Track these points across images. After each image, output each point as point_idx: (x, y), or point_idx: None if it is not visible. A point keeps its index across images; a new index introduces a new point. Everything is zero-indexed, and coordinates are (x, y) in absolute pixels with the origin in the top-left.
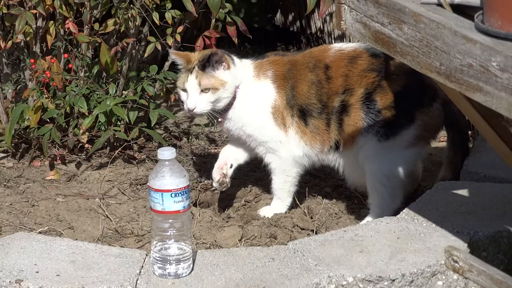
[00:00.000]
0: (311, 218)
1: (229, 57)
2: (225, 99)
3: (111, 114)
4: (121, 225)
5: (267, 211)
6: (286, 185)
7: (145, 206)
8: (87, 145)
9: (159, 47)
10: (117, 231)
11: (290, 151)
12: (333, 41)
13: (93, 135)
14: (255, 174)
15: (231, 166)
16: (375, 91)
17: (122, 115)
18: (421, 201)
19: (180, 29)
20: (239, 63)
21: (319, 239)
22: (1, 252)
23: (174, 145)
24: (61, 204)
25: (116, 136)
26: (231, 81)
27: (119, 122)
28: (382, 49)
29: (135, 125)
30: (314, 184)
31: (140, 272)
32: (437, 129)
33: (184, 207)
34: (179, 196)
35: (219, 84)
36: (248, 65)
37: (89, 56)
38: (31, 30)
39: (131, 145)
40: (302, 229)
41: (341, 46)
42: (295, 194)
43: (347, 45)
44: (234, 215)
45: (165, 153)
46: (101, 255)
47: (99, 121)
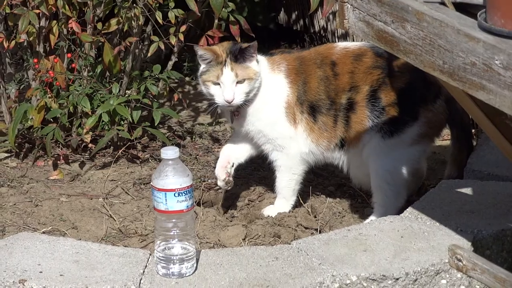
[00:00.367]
0: (315, 217)
1: None
2: (255, 89)
3: (114, 113)
4: (125, 224)
5: (271, 211)
6: (291, 183)
7: (148, 205)
8: (90, 145)
9: (162, 47)
10: (121, 230)
11: (297, 148)
12: (337, 40)
13: (97, 134)
14: (259, 173)
15: (233, 165)
16: (380, 88)
17: (125, 114)
18: (424, 200)
19: (183, 28)
20: (258, 56)
21: (323, 238)
22: (5, 252)
23: (177, 145)
24: (64, 204)
25: (119, 135)
26: (259, 71)
27: (122, 121)
28: (385, 47)
29: (139, 124)
30: (317, 183)
31: (143, 271)
32: (441, 126)
33: (187, 207)
34: (182, 195)
35: (253, 74)
36: (262, 59)
37: (92, 55)
38: (34, 30)
39: (135, 144)
40: (305, 228)
41: (346, 44)
42: (299, 193)
43: (351, 43)
44: (237, 214)
45: (169, 152)
46: (105, 255)
47: (103, 121)
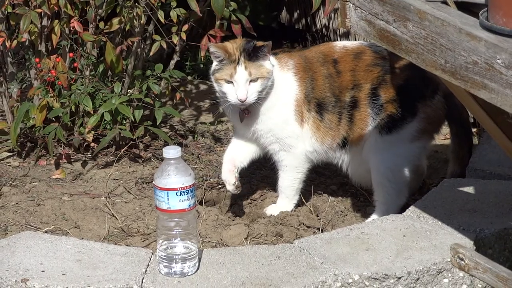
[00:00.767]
0: (317, 216)
1: None
2: (268, 88)
3: (116, 112)
4: (127, 224)
5: (273, 210)
6: (295, 182)
7: (151, 204)
8: (92, 144)
9: (165, 46)
10: (123, 230)
11: (303, 147)
12: (339, 39)
13: (99, 133)
14: (261, 172)
15: (238, 169)
16: (380, 86)
17: (127, 113)
18: (426, 199)
19: (185, 27)
20: None
21: (325, 237)
22: (7, 251)
23: (179, 144)
24: (67, 203)
25: (121, 134)
26: (272, 70)
27: (124, 120)
28: (387, 47)
29: (141, 123)
30: (320, 182)
31: (146, 271)
32: (440, 122)
33: (189, 206)
34: (184, 194)
35: (266, 72)
36: (272, 57)
37: (95, 55)
38: (36, 29)
39: (137, 143)
40: (308, 227)
41: (345, 43)
42: (301, 192)
43: (350, 43)
44: (240, 213)
45: (171, 151)
46: (107, 254)
47: (105, 120)
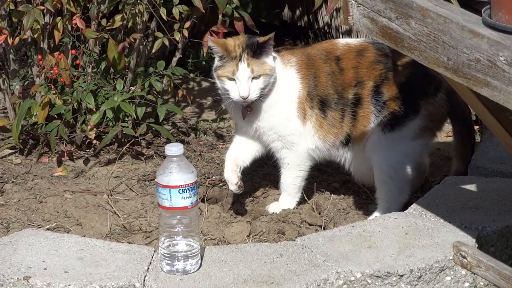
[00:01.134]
0: (319, 213)
1: None
2: (270, 84)
3: (118, 110)
4: (129, 221)
5: (275, 207)
6: (297, 180)
7: (153, 202)
8: (95, 141)
9: (167, 43)
10: (125, 227)
11: (305, 145)
12: (341, 36)
13: (101, 131)
14: (263, 169)
15: (240, 168)
16: (383, 83)
17: (129, 111)
18: (429, 196)
19: (187, 24)
20: None
21: (327, 234)
22: (9, 249)
23: (181, 141)
24: (69, 200)
25: (124, 132)
26: (275, 67)
27: (126, 118)
28: (389, 44)
29: (143, 121)
30: (322, 179)
31: (148, 268)
32: (442, 119)
33: (192, 203)
34: (187, 192)
35: (269, 70)
36: (275, 54)
37: (97, 52)
38: (38, 26)
39: (139, 141)
40: (310, 225)
41: (348, 41)
42: (303, 189)
43: (353, 40)
44: (242, 211)
45: (173, 149)
46: (109, 252)
47: (107, 117)
